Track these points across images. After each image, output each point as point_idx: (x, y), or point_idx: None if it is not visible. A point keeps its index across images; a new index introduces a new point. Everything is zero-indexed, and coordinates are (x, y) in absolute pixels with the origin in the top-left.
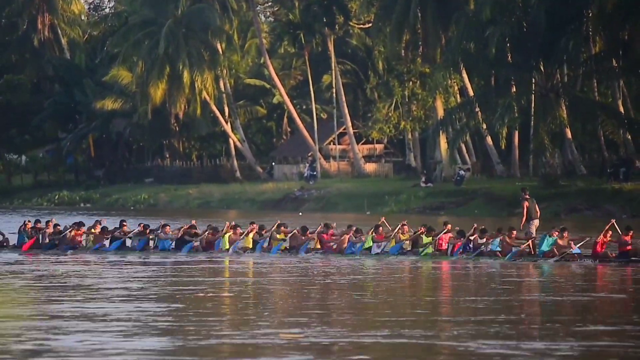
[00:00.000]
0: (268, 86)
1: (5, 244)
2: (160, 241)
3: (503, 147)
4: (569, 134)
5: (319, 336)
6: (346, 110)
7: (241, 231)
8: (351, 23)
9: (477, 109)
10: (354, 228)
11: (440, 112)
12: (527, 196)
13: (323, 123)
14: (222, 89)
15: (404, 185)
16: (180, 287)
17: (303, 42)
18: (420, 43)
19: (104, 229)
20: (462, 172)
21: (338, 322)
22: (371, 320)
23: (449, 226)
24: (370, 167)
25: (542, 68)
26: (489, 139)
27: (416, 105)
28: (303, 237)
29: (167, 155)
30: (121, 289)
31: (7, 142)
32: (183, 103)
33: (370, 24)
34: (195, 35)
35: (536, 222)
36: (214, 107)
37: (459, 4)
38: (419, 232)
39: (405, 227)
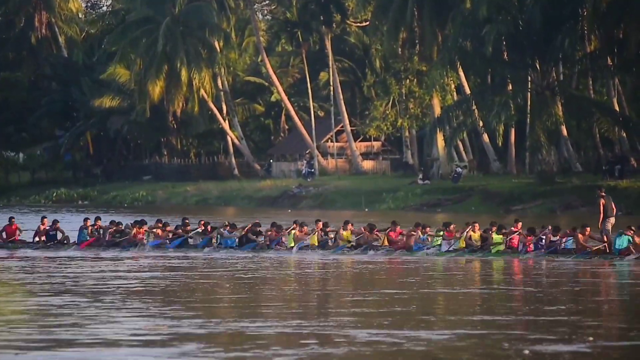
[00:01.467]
0: (266, 84)
1: (65, 241)
2: (223, 239)
3: (499, 144)
4: (564, 132)
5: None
6: (344, 108)
7: (307, 229)
8: (348, 21)
9: (474, 107)
10: (423, 226)
11: (437, 110)
12: (604, 194)
13: (321, 120)
14: (220, 87)
15: (401, 183)
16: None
17: (300, 40)
18: (417, 41)
19: (165, 226)
20: (459, 170)
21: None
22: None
23: (519, 224)
24: (367, 164)
25: (537, 66)
26: (485, 137)
27: (413, 103)
28: (370, 235)
29: (165, 153)
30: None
31: (4, 139)
32: (181, 101)
33: (367, 22)
34: (193, 33)
35: (612, 219)
36: (211, 105)
37: (455, 3)
38: (491, 230)
39: (476, 225)
